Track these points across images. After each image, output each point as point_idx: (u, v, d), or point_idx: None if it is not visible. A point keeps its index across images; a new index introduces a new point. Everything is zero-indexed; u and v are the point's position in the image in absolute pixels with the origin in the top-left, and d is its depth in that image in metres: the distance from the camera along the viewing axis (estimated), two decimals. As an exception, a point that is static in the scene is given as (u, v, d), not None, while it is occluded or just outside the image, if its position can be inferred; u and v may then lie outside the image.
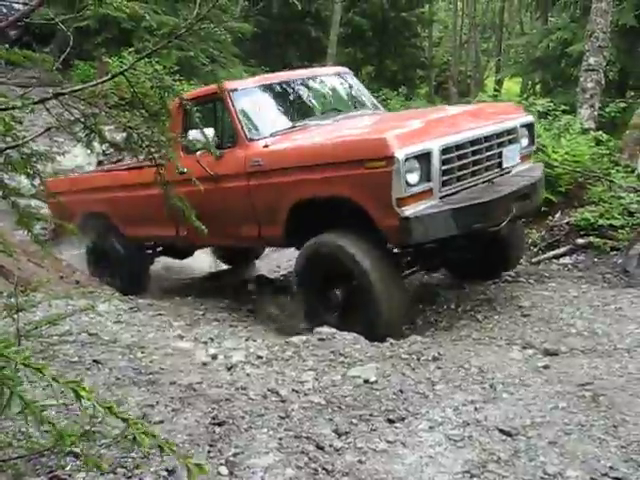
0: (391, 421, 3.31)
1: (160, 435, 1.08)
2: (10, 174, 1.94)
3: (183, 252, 8.18)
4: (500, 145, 5.54)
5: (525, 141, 5.97)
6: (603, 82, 11.04)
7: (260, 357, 4.26)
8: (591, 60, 10.74)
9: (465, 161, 5.17)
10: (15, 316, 2.12)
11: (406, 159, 4.70)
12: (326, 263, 5.21)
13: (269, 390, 3.67)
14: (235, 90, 6.02)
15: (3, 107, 1.59)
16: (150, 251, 7.83)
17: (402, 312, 5.24)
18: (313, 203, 5.35)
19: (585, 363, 4.08)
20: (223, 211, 5.74)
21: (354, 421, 3.30)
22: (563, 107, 10.64)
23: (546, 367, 4.02)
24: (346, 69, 7.45)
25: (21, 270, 5.60)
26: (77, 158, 12.35)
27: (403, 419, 3.33)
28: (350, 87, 7.07)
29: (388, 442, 3.11)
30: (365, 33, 25.50)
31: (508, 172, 5.69)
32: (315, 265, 5.32)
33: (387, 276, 5.05)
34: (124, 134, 2.78)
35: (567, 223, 7.29)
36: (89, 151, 9.03)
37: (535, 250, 7.15)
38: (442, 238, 5.09)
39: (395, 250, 5.52)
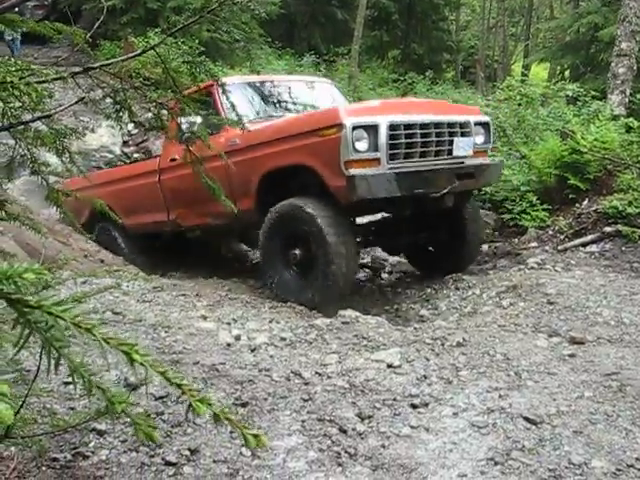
0: (414, 406, 3.29)
1: (216, 404, 1.05)
2: (39, 149, 1.94)
3: (183, 241, 8.56)
4: (452, 134, 6.14)
5: (481, 138, 6.55)
6: (635, 68, 10.85)
7: (284, 339, 4.25)
8: (623, 45, 10.56)
9: (413, 140, 5.79)
10: (41, 293, 2.12)
11: (354, 127, 5.43)
12: (289, 224, 5.82)
13: (292, 372, 3.66)
14: (223, 85, 6.60)
15: (39, 79, 1.58)
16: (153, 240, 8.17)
17: (354, 269, 6.02)
18: (278, 175, 6.00)
19: (612, 352, 4.02)
20: (206, 191, 5.99)
21: (377, 405, 3.28)
22: (593, 93, 10.50)
23: (572, 356, 3.97)
24: (328, 80, 8.81)
25: (46, 248, 5.64)
26: (102, 137, 12.43)
27: (427, 404, 3.31)
28: (327, 93, 7.82)
29: (411, 427, 3.09)
30: (392, 16, 25.23)
31: (462, 162, 6.24)
32: (279, 226, 5.91)
33: (342, 235, 5.65)
34: (150, 114, 2.76)
35: (595, 211, 7.19)
36: (114, 130, 9.09)
37: (562, 237, 7.07)
38: (394, 209, 6.16)
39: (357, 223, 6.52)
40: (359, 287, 7.01)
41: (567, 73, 19.48)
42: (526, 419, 3.14)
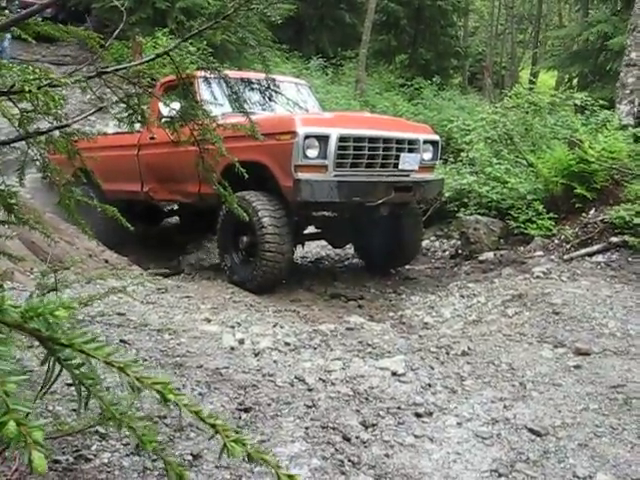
0: (419, 415, 3.26)
1: (251, 444, 1.04)
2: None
3: (152, 216, 9.43)
4: (399, 150, 6.74)
5: (428, 155, 7.23)
6: (644, 78, 10.80)
7: (288, 344, 4.23)
8: (633, 55, 10.50)
9: (360, 152, 6.42)
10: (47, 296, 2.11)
11: (306, 136, 6.09)
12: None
13: (296, 378, 3.64)
14: (202, 77, 6.98)
15: (54, 84, 1.57)
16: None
17: (289, 257, 6.60)
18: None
19: (617, 365, 4.00)
20: (177, 170, 7.09)
21: (381, 413, 3.26)
22: (601, 102, 10.46)
23: (577, 367, 3.95)
24: (304, 81, 9.30)
25: (51, 247, 5.63)
26: (109, 137, 12.43)
27: (431, 414, 3.29)
28: (301, 94, 8.25)
29: (415, 436, 3.07)
30: (400, 21, 25.19)
31: (407, 175, 6.92)
32: (231, 215, 5.93)
33: (279, 225, 6.28)
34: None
35: (601, 220, 7.15)
36: (120, 130, 9.14)
37: (568, 247, 7.03)
38: (335, 211, 6.92)
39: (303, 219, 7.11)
40: (364, 292, 7.00)
41: (575, 82, 19.43)
42: (531, 430, 3.12)
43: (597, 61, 16.93)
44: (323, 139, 6.17)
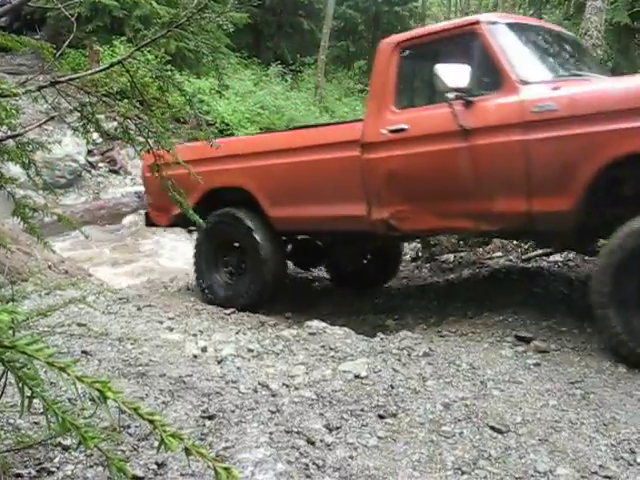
0: (382, 417, 3.29)
1: (188, 440, 1.07)
2: (5, 164, 1.92)
3: (313, 257, 6.94)
4: None
5: None
6: (596, 80, 11.04)
7: (251, 350, 4.24)
8: (584, 58, 10.74)
9: None
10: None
11: None
12: None
13: (260, 384, 3.65)
14: (494, 23, 4.81)
15: (5, 94, 1.57)
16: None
17: None
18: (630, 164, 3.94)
19: (576, 361, 4.09)
20: (469, 178, 4.52)
21: (345, 416, 3.28)
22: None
23: (537, 364, 4.03)
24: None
25: (9, 258, 5.55)
26: (67, 147, 12.31)
27: (394, 415, 3.32)
28: (580, 46, 5.82)
29: (379, 438, 3.10)
30: (358, 27, 25.50)
31: None
32: None
33: None
34: (115, 123, 2.75)
35: (558, 221, 7.27)
36: (79, 139, 9.03)
37: (526, 247, 7.15)
38: None
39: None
40: (326, 297, 7.02)
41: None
42: (492, 428, 3.17)
43: (551, 64, 17.26)
44: None
